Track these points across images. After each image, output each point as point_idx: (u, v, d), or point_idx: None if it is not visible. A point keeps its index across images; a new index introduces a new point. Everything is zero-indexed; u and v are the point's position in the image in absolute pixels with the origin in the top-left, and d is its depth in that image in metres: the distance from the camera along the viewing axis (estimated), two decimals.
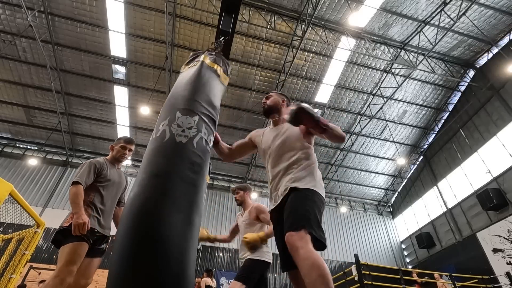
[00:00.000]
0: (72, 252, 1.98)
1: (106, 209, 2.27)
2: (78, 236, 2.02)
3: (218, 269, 11.34)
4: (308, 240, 1.33)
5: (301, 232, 1.34)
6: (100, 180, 2.31)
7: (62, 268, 1.91)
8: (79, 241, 2.02)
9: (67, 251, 1.98)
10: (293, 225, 1.39)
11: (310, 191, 1.56)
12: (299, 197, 1.53)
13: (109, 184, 2.36)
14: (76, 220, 1.98)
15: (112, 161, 2.55)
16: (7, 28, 9.39)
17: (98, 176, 2.31)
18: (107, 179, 2.35)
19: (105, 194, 2.31)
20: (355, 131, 12.84)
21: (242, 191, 3.25)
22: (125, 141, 2.59)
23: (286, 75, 10.50)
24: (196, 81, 1.90)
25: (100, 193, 2.28)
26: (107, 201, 2.32)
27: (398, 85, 11.17)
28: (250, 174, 14.14)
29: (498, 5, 9.29)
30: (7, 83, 10.81)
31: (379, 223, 15.43)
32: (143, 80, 10.95)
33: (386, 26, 10.05)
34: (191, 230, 1.34)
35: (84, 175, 2.20)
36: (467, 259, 10.52)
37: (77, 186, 2.12)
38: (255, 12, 9.49)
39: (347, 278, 6.75)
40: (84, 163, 2.33)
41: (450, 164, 12.39)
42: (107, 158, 2.54)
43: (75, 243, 2.00)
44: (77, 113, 11.87)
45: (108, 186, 2.34)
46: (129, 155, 2.63)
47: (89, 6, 9.13)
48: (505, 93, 10.26)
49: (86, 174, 2.22)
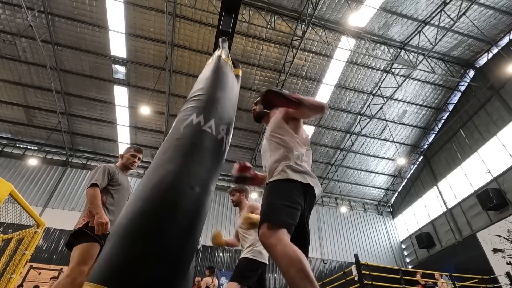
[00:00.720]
0: (84, 252, 2.03)
1: (117, 212, 2.35)
2: (91, 237, 2.08)
3: (218, 269, 11.34)
4: (280, 235, 1.28)
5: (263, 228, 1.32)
6: (112, 183, 2.45)
7: (74, 268, 1.96)
8: (91, 241, 2.08)
9: (79, 251, 2.03)
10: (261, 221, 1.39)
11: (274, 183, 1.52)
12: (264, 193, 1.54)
13: (120, 188, 2.50)
14: (99, 220, 2.07)
15: (122, 168, 2.72)
16: (7, 28, 9.39)
17: (111, 180, 2.45)
18: (118, 183, 2.50)
19: (116, 197, 2.44)
20: (355, 131, 12.84)
21: (238, 193, 3.27)
22: (135, 150, 2.80)
23: (286, 75, 10.51)
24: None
25: (112, 196, 2.41)
26: (119, 204, 2.44)
27: (398, 85, 11.17)
28: None
29: (498, 5, 9.29)
30: (7, 83, 10.81)
31: (379, 223, 15.43)
32: (143, 80, 10.95)
33: (386, 26, 10.05)
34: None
35: (100, 178, 2.32)
36: (467, 259, 10.52)
37: (95, 189, 2.24)
38: (255, 12, 9.49)
39: (347, 278, 6.76)
40: (98, 167, 2.47)
41: (450, 164, 12.39)
42: (118, 165, 2.72)
43: (87, 244, 2.06)
44: (77, 113, 11.87)
45: (119, 190, 2.49)
46: (137, 163, 2.83)
47: (89, 6, 9.13)
48: (505, 93, 10.26)
49: (102, 177, 2.35)
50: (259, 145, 12.90)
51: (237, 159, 14.72)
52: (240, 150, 13.28)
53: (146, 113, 10.75)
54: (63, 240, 10.63)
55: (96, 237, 2.09)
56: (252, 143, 13.10)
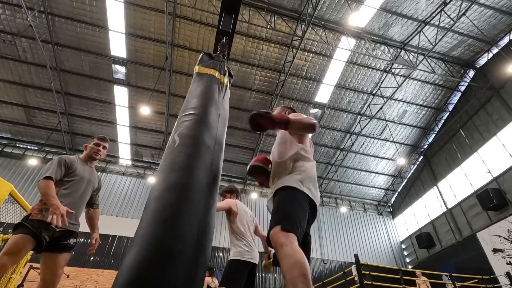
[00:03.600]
0: (12, 243, 1.99)
1: (70, 204, 2.24)
2: (25, 229, 2.02)
3: (218, 269, 11.34)
4: (292, 238, 1.36)
5: (276, 228, 1.40)
6: (67, 175, 2.34)
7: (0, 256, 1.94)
8: (23, 233, 2.02)
9: (9, 242, 2.00)
10: (271, 223, 1.48)
11: (284, 189, 1.62)
12: (278, 198, 1.62)
13: (76, 180, 2.37)
14: (54, 211, 1.97)
15: (85, 159, 2.57)
16: (7, 28, 9.39)
17: (67, 171, 2.34)
18: (75, 175, 2.37)
19: (71, 189, 2.32)
20: (355, 131, 12.84)
21: (229, 194, 3.33)
22: (99, 139, 2.64)
23: (286, 75, 10.50)
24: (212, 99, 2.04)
25: (66, 188, 2.30)
26: (74, 196, 2.33)
27: (398, 85, 11.17)
28: None
29: (498, 5, 9.29)
30: (7, 83, 10.81)
31: (379, 223, 15.43)
32: (143, 80, 10.95)
33: (386, 26, 10.05)
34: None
35: (54, 170, 2.24)
36: (467, 259, 10.52)
37: (48, 181, 2.16)
38: (255, 12, 9.49)
39: (347, 278, 6.76)
40: (55, 159, 2.36)
41: (450, 164, 12.39)
42: (80, 156, 2.58)
43: (18, 236, 2.01)
44: (77, 113, 11.87)
45: (75, 182, 2.36)
46: (104, 153, 2.65)
47: (89, 6, 9.13)
48: (505, 93, 10.26)
49: (56, 169, 2.26)
50: (259, 145, 12.90)
51: (237, 159, 14.66)
52: (240, 150, 13.28)
53: (146, 113, 10.74)
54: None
55: (34, 231, 2.02)
56: (252, 143, 13.10)
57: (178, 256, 1.20)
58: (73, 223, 2.29)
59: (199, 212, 1.39)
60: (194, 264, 1.25)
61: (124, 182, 13.17)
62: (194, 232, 1.31)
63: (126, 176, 13.36)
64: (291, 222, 1.44)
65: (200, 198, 1.43)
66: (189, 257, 1.23)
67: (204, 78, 2.16)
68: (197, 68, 2.26)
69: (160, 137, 12.68)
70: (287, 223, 1.42)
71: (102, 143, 2.62)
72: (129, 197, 12.76)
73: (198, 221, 1.35)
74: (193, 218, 1.35)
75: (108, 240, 11.08)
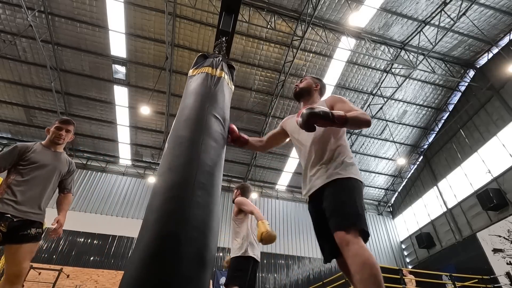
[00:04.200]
0: None
1: (27, 191, 2.16)
2: None
3: (218, 269, 11.33)
4: (359, 237, 1.31)
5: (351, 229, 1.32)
6: (22, 163, 2.24)
7: None
8: None
9: None
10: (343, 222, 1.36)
11: (351, 180, 1.54)
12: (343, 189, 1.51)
13: (35, 167, 2.26)
14: None
15: (47, 144, 2.45)
16: (7, 28, 9.39)
17: (21, 158, 2.24)
18: (32, 162, 2.26)
19: (29, 176, 2.21)
20: (355, 131, 12.84)
21: (239, 190, 3.34)
22: (60, 122, 2.50)
23: (286, 75, 10.50)
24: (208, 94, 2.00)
25: (22, 176, 2.20)
26: (33, 183, 2.22)
27: (398, 85, 11.17)
28: (250, 174, 14.14)
29: (498, 5, 9.28)
30: (7, 83, 10.81)
31: (379, 223, 15.43)
32: (143, 80, 10.95)
33: (386, 26, 10.05)
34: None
35: (2, 159, 2.18)
36: (467, 259, 10.52)
37: None
38: (255, 12, 9.49)
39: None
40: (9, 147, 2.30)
41: (450, 164, 12.39)
42: (42, 142, 2.46)
43: None
44: (77, 113, 11.86)
45: (33, 169, 2.25)
46: (68, 137, 2.54)
47: (89, 6, 9.14)
48: (505, 93, 10.26)
49: (5, 157, 2.20)
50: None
51: (237, 159, 14.64)
52: (240, 150, 13.28)
53: (146, 113, 10.75)
54: (63, 240, 10.65)
55: None
56: None
57: (181, 256, 1.20)
58: (34, 212, 2.17)
59: (187, 209, 1.35)
60: (199, 265, 1.25)
61: (124, 182, 13.17)
62: (197, 231, 1.31)
63: (126, 176, 13.36)
64: (365, 221, 1.37)
65: (189, 195, 1.39)
66: (193, 258, 1.24)
67: (193, 78, 2.14)
68: (190, 72, 2.27)
69: (160, 137, 12.68)
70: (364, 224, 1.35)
71: (64, 127, 2.48)
72: (129, 197, 12.76)
73: (198, 221, 1.35)
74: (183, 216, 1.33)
75: (108, 240, 11.08)
